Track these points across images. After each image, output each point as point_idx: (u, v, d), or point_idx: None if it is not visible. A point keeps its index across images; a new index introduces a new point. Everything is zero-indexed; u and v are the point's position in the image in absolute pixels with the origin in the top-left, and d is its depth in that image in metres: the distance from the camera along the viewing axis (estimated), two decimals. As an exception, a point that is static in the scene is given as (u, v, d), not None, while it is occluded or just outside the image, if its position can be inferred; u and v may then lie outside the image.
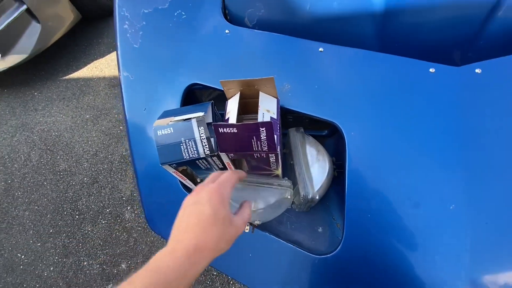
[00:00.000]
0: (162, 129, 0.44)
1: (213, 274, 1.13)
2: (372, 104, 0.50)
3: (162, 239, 1.29)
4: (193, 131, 0.44)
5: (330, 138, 0.65)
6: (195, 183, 0.58)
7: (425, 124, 0.46)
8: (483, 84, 0.46)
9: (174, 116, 0.47)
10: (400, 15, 0.57)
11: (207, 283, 1.12)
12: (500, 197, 0.42)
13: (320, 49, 0.55)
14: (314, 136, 0.61)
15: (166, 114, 0.51)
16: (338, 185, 0.57)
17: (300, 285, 0.51)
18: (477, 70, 0.47)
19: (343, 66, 0.53)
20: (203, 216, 0.33)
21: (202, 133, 0.45)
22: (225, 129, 0.41)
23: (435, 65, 0.49)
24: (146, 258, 1.25)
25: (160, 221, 0.66)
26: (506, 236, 0.42)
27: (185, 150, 0.46)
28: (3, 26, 1.65)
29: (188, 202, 0.36)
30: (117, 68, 0.66)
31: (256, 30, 0.60)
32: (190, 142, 0.45)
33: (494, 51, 0.53)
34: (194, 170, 0.52)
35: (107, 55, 1.97)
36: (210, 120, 0.50)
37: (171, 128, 0.44)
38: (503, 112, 0.44)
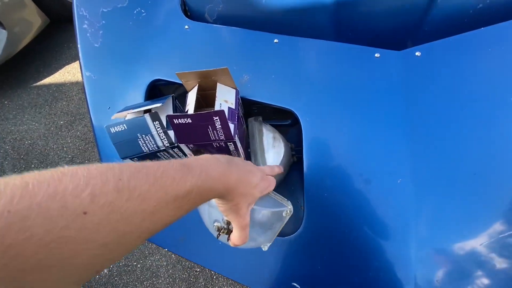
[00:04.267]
0: (115, 126, 0.45)
1: (196, 271, 1.14)
2: (325, 90, 0.52)
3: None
4: (149, 127, 0.45)
5: (294, 127, 0.68)
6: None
7: (372, 106, 0.49)
8: (423, 65, 0.50)
9: (133, 109, 0.48)
10: (350, 5, 0.60)
11: (191, 280, 1.13)
12: (441, 169, 0.46)
13: (275, 40, 0.57)
14: (279, 126, 0.63)
15: (126, 109, 0.51)
16: (300, 169, 0.59)
17: (269, 267, 0.53)
18: (417, 53, 0.51)
19: (297, 55, 0.56)
20: (246, 179, 0.35)
21: (158, 127, 0.46)
22: (180, 120, 0.43)
23: (380, 50, 0.52)
24: (128, 260, 1.24)
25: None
26: (448, 203, 0.45)
27: (144, 144, 0.47)
28: (-35, 33, 1.59)
29: (247, 162, 0.38)
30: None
31: (214, 25, 0.62)
32: (147, 137, 0.46)
33: (437, 36, 0.57)
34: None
35: (79, 59, 1.93)
36: (171, 113, 0.52)
37: (124, 125, 0.45)
38: (441, 90, 0.48)
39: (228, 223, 0.41)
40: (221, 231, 0.41)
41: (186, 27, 0.62)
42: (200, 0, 0.66)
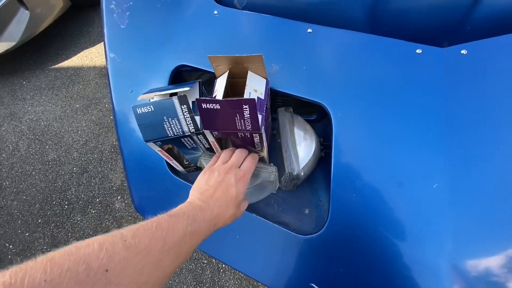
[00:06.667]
0: (142, 107, 0.43)
1: (203, 263, 1.13)
2: (359, 85, 0.50)
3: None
4: (176, 110, 0.44)
5: (319, 123, 0.65)
6: (183, 165, 0.58)
7: (410, 104, 0.46)
8: (468, 64, 0.46)
9: (159, 91, 0.46)
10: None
11: (198, 271, 1.12)
12: (482, 176, 0.43)
13: (309, 30, 0.54)
14: (303, 120, 0.61)
15: (152, 91, 0.50)
16: (325, 166, 0.57)
17: (286, 265, 0.51)
18: (463, 51, 0.47)
19: (331, 47, 0.53)
20: (228, 195, 0.40)
21: (185, 112, 0.44)
22: (208, 104, 0.41)
23: (421, 46, 0.49)
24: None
25: (148, 206, 0.65)
26: (487, 214, 0.42)
27: (169, 128, 0.45)
28: (-11, 12, 1.60)
29: (213, 176, 0.42)
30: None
31: (244, 11, 0.59)
32: (173, 120, 0.44)
33: (479, 35, 0.53)
34: (180, 149, 0.51)
35: (97, 44, 1.94)
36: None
37: (151, 107, 0.43)
38: (486, 92, 0.44)
39: None
40: None
41: (215, 12, 0.60)
42: (230, -15, 0.64)
